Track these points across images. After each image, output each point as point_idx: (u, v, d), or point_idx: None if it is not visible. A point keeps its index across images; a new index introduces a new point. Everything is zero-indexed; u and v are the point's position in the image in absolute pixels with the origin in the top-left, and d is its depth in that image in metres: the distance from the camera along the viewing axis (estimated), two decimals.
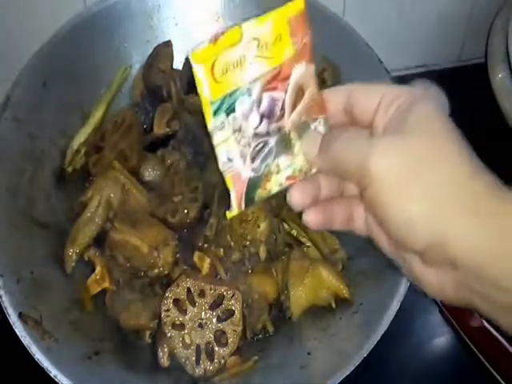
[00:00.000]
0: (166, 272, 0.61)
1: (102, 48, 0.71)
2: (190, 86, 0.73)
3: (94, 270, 0.61)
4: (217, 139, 0.39)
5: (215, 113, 0.38)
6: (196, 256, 0.62)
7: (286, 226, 0.65)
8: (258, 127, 0.39)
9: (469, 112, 0.81)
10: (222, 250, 0.62)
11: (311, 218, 0.41)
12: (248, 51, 0.37)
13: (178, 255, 0.62)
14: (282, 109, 0.39)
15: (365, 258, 0.63)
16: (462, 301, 0.36)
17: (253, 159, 0.40)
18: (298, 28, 0.38)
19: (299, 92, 0.40)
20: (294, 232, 0.64)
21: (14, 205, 0.60)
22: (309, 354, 0.57)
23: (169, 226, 0.63)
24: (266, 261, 0.62)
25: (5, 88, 0.64)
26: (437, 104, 0.37)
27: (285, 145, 0.40)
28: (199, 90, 0.37)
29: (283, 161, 0.41)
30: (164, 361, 0.58)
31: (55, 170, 0.67)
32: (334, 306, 0.60)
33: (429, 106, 0.36)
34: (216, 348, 0.57)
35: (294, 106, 0.40)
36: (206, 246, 0.63)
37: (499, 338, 0.50)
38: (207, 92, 0.37)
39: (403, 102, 0.37)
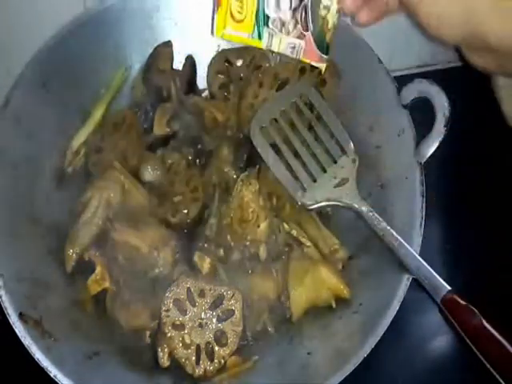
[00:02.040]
0: (165, 272, 0.61)
1: (101, 48, 0.71)
2: (190, 86, 0.73)
3: (94, 270, 0.61)
4: (275, 47, 0.46)
5: (259, 36, 0.44)
6: (196, 256, 0.62)
7: (285, 225, 0.65)
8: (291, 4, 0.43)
9: (469, 112, 0.81)
10: (221, 249, 0.63)
11: (366, 17, 0.48)
12: None
13: (177, 255, 0.62)
14: None
15: (365, 257, 0.63)
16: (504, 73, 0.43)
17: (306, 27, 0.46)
18: None
19: None
20: (294, 232, 0.64)
21: (14, 205, 0.60)
22: (309, 353, 0.57)
23: (169, 226, 0.63)
24: (266, 261, 0.62)
25: (5, 89, 0.64)
26: None
27: None
28: (240, 39, 0.44)
29: None
30: (164, 361, 0.58)
31: (55, 171, 0.67)
32: (334, 305, 0.60)
33: None
34: (216, 348, 0.57)
35: None
36: (206, 245, 0.63)
37: (499, 337, 0.50)
38: (246, 35, 0.44)
39: None
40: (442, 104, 0.59)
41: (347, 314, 0.59)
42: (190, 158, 0.69)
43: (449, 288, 0.53)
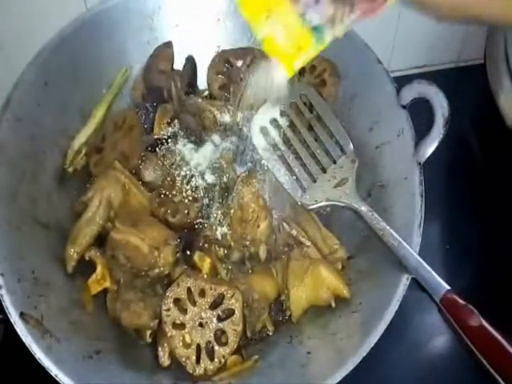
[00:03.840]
0: (166, 272, 0.61)
1: (102, 49, 0.71)
2: (190, 87, 0.74)
3: (94, 269, 0.62)
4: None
5: (320, 40, 0.45)
6: (196, 256, 0.62)
7: (285, 225, 0.65)
8: None
9: (468, 112, 0.81)
10: (222, 250, 0.63)
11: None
12: None
13: (178, 255, 0.62)
14: None
15: (364, 257, 0.63)
16: None
17: None
18: None
19: None
20: (294, 232, 0.65)
21: (15, 205, 0.60)
22: (309, 353, 0.58)
23: (169, 226, 0.63)
24: (266, 261, 0.63)
25: (6, 88, 0.64)
26: None
27: None
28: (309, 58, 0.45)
29: None
30: (164, 360, 0.58)
31: (56, 170, 0.67)
32: (333, 305, 0.60)
33: None
34: (216, 347, 0.57)
35: None
36: (206, 245, 0.63)
37: (498, 337, 0.50)
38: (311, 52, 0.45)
39: None
40: (441, 104, 0.59)
41: (347, 314, 0.59)
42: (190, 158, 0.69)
43: (448, 288, 0.53)
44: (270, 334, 0.61)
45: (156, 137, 0.71)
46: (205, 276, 0.60)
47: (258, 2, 0.46)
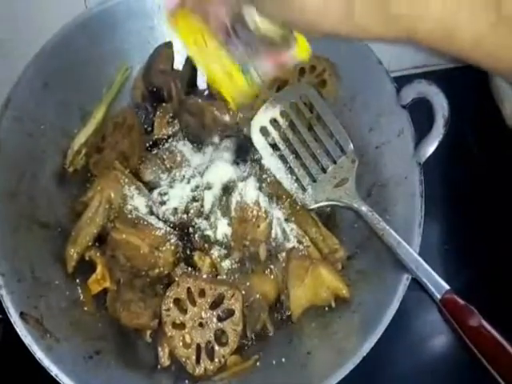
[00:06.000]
0: (166, 272, 0.61)
1: (102, 49, 0.71)
2: (190, 87, 0.73)
3: (94, 269, 0.62)
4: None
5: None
6: (196, 256, 0.62)
7: (286, 225, 0.65)
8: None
9: (468, 112, 0.81)
10: (222, 249, 0.63)
11: None
12: None
13: (178, 255, 0.62)
14: None
15: (364, 257, 0.63)
16: None
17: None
18: None
19: None
20: (294, 232, 0.65)
21: (15, 205, 0.60)
22: (308, 353, 0.58)
23: (169, 226, 0.63)
24: (265, 261, 0.63)
25: (6, 88, 0.64)
26: None
27: None
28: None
29: None
30: (164, 360, 0.58)
31: (56, 171, 0.67)
32: (333, 305, 0.60)
33: None
34: (216, 347, 0.57)
35: None
36: (206, 245, 0.63)
37: (498, 337, 0.50)
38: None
39: None
40: (441, 104, 0.59)
41: (347, 314, 0.59)
42: (190, 158, 0.69)
43: (448, 288, 0.54)
44: (270, 334, 0.61)
45: (156, 137, 0.71)
46: (205, 276, 0.60)
47: (187, 26, 0.47)
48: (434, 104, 0.60)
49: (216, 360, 0.57)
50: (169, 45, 0.73)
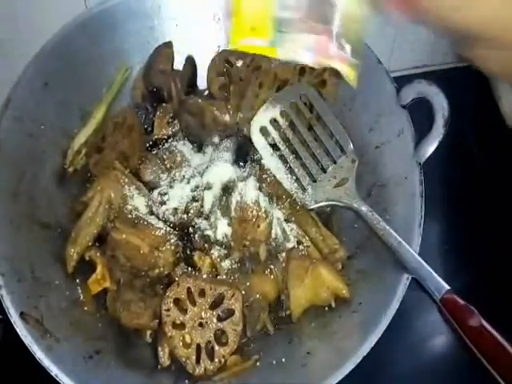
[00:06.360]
0: (166, 272, 0.61)
1: (102, 49, 0.71)
2: (190, 87, 0.74)
3: (94, 269, 0.62)
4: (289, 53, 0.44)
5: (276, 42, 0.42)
6: (196, 256, 0.62)
7: (286, 225, 0.65)
8: None
9: (468, 112, 0.81)
10: (222, 250, 0.63)
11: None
12: None
13: (178, 255, 0.62)
14: None
15: (364, 257, 0.63)
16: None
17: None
18: None
19: None
20: (294, 232, 0.65)
21: (15, 205, 0.60)
22: (308, 353, 0.58)
23: (169, 226, 0.63)
24: (265, 261, 0.63)
25: (6, 88, 0.64)
26: None
27: None
28: (255, 48, 0.42)
29: None
30: (164, 360, 0.58)
31: (56, 170, 0.67)
32: (333, 305, 0.60)
33: None
34: (216, 347, 0.57)
35: None
36: (206, 245, 0.63)
37: (498, 337, 0.50)
38: (260, 42, 0.42)
39: None
40: (440, 104, 0.59)
41: (347, 314, 0.59)
42: (190, 158, 0.69)
43: (448, 287, 0.54)
44: (270, 333, 0.61)
45: (156, 137, 0.71)
46: (205, 276, 0.60)
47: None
48: (433, 104, 0.60)
49: (216, 360, 0.57)
50: (169, 45, 0.74)
